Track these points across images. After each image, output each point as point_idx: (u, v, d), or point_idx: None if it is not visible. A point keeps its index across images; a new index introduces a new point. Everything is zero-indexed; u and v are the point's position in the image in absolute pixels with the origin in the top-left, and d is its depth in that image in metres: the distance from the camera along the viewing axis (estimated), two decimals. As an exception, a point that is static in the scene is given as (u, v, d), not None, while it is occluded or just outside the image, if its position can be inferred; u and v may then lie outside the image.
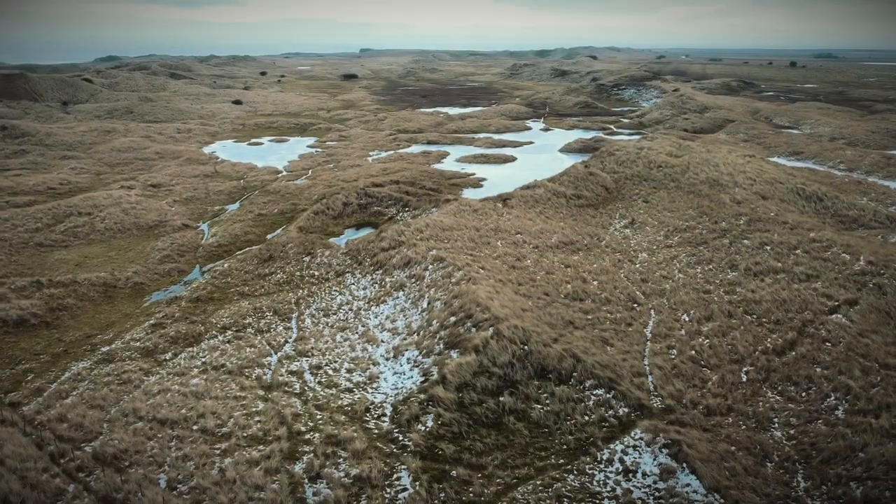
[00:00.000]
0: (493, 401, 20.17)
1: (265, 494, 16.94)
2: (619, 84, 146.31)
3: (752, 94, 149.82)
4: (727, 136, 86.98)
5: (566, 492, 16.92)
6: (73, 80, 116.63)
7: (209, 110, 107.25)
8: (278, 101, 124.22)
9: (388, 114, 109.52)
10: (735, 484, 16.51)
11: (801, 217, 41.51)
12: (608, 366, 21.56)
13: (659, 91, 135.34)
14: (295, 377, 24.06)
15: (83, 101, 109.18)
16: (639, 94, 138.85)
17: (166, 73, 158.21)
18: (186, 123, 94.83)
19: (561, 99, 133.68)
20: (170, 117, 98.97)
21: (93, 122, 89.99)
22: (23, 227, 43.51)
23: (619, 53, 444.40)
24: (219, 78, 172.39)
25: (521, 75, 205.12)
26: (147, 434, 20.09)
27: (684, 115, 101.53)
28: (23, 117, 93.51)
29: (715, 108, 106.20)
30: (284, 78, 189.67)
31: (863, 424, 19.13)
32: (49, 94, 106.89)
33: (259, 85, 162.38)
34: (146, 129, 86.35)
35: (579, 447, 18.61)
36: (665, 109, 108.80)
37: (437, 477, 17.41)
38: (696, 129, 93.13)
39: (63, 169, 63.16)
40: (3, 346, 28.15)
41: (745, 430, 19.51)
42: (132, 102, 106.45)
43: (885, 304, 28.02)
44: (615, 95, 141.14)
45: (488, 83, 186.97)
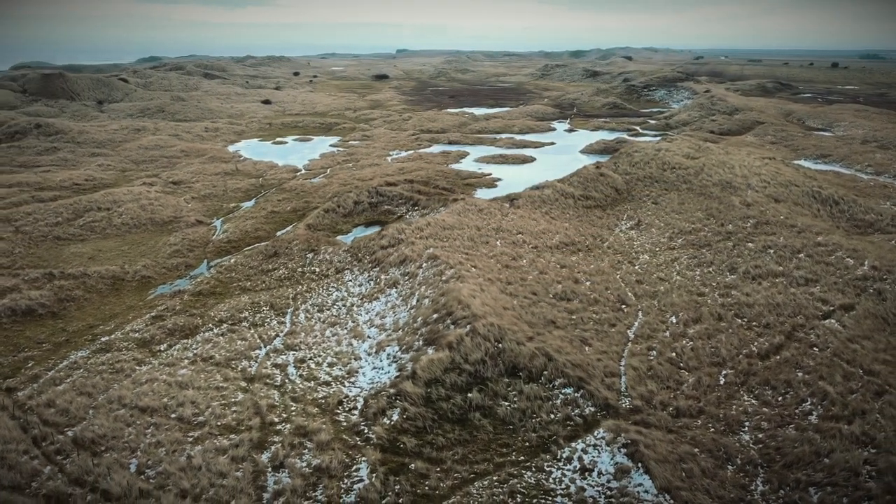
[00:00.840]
0: (460, 397, 20.38)
1: (227, 481, 17.44)
2: (649, 85, 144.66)
3: (787, 96, 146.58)
4: (754, 138, 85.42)
5: (521, 488, 17.05)
6: (109, 80, 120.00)
7: (238, 109, 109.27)
8: (307, 101, 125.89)
9: (414, 114, 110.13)
10: (688, 485, 16.43)
11: (812, 220, 40.68)
12: (580, 365, 21.57)
13: (690, 92, 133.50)
14: (278, 370, 24.58)
15: (118, 100, 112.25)
16: (669, 96, 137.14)
17: (200, 73, 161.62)
18: (215, 122, 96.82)
19: (589, 100, 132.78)
20: (199, 116, 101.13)
21: (125, 121, 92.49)
22: (44, 221, 45.09)
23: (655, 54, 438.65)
24: (252, 78, 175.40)
25: (553, 76, 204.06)
26: (127, 421, 20.79)
27: (712, 117, 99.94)
28: (59, 115, 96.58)
29: (745, 110, 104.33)
30: (317, 78, 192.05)
31: (833, 430, 18.82)
32: (85, 94, 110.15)
33: (291, 85, 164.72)
34: (175, 128, 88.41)
35: (541, 445, 18.70)
36: (693, 111, 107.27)
37: (395, 469, 17.70)
38: (724, 130, 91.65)
39: (90, 166, 65.13)
40: (9, 334, 29.30)
41: (712, 432, 19.36)
42: (164, 102, 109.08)
43: (883, 309, 27.39)
44: (645, 96, 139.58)
45: (518, 84, 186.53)
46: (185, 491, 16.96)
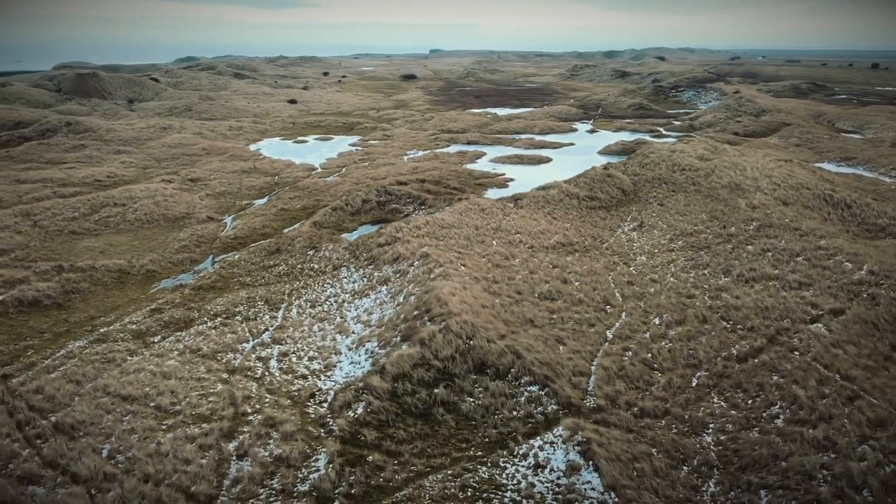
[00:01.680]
0: (426, 392, 20.69)
1: (191, 468, 18.03)
2: (678, 86, 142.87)
3: (821, 97, 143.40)
4: (779, 139, 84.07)
5: (473, 483, 17.30)
6: (141, 80, 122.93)
7: (264, 109, 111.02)
8: (332, 101, 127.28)
9: (437, 114, 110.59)
10: (636, 484, 16.50)
11: (819, 224, 40.01)
12: (548, 364, 21.71)
13: (719, 93, 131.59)
14: (261, 363, 25.19)
15: (148, 99, 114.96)
16: (698, 97, 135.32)
17: (231, 73, 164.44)
18: (239, 121, 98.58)
19: (616, 100, 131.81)
20: (225, 115, 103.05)
21: (152, 119, 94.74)
22: (61, 215, 46.61)
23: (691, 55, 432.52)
24: (282, 78, 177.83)
25: (581, 76, 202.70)
26: (107, 408, 21.57)
27: (738, 118, 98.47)
28: (91, 114, 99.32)
29: (773, 112, 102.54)
30: (346, 78, 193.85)
31: (795, 434, 18.67)
32: (117, 93, 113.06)
33: (319, 85, 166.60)
34: (200, 127, 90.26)
35: (500, 441, 18.92)
36: (719, 112, 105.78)
37: (352, 461, 18.10)
38: (748, 132, 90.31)
39: (114, 163, 66.98)
40: (14, 323, 30.48)
41: (674, 433, 19.35)
42: (192, 101, 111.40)
43: (874, 314, 26.92)
44: (673, 97, 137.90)
45: (546, 84, 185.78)
46: (149, 476, 17.59)
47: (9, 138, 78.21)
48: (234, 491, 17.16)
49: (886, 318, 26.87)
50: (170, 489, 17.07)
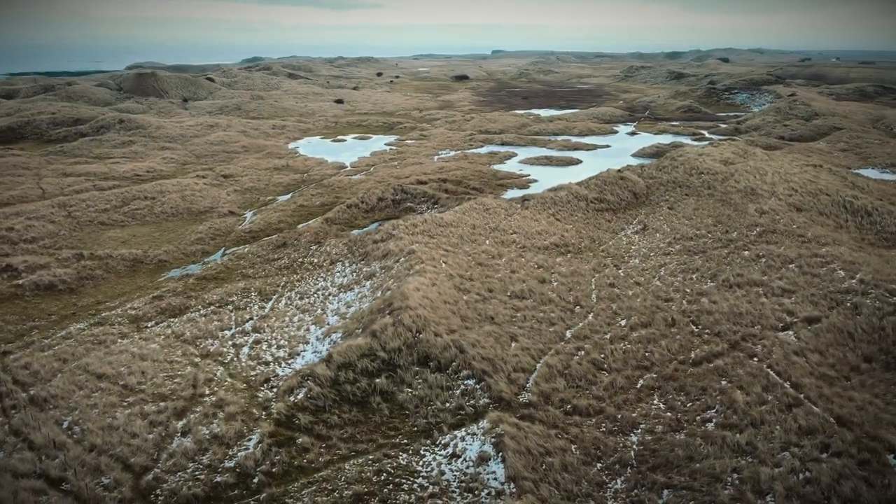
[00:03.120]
0: (367, 381, 21.53)
1: (135, 441, 19.42)
2: (732, 88, 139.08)
3: (888, 101, 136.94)
4: (825, 144, 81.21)
5: (389, 468, 18.05)
6: (196, 79, 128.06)
7: (310, 108, 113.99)
8: (379, 101, 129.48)
9: (479, 115, 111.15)
10: (538, 477, 16.91)
11: (830, 231, 38.90)
12: (490, 359, 22.21)
13: (773, 96, 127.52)
14: (234, 349, 26.55)
15: (202, 98, 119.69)
16: (751, 99, 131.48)
17: (285, 74, 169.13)
18: (284, 120, 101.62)
19: (665, 102, 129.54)
20: (272, 114, 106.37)
21: (202, 118, 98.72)
22: (94, 207, 49.55)
23: (760, 56, 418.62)
24: (335, 78, 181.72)
25: (636, 78, 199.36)
26: (80, 384, 23.27)
27: (786, 122, 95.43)
28: (146, 112, 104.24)
29: (826, 115, 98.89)
30: (399, 79, 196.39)
31: (719, 437, 18.66)
32: (173, 92, 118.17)
33: (370, 85, 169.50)
34: (245, 125, 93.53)
35: (426, 430, 19.59)
36: (769, 115, 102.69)
37: (281, 442, 19.11)
38: (794, 136, 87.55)
39: (156, 158, 70.36)
40: (27, 305, 32.88)
41: (601, 431, 19.58)
42: (243, 100, 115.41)
43: (852, 324, 26.23)
44: (726, 100, 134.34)
45: (598, 85, 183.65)
46: (95, 446, 19.05)
47: (67, 134, 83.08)
48: (167, 464, 18.41)
49: (865, 328, 26.15)
50: (109, 459, 18.46)
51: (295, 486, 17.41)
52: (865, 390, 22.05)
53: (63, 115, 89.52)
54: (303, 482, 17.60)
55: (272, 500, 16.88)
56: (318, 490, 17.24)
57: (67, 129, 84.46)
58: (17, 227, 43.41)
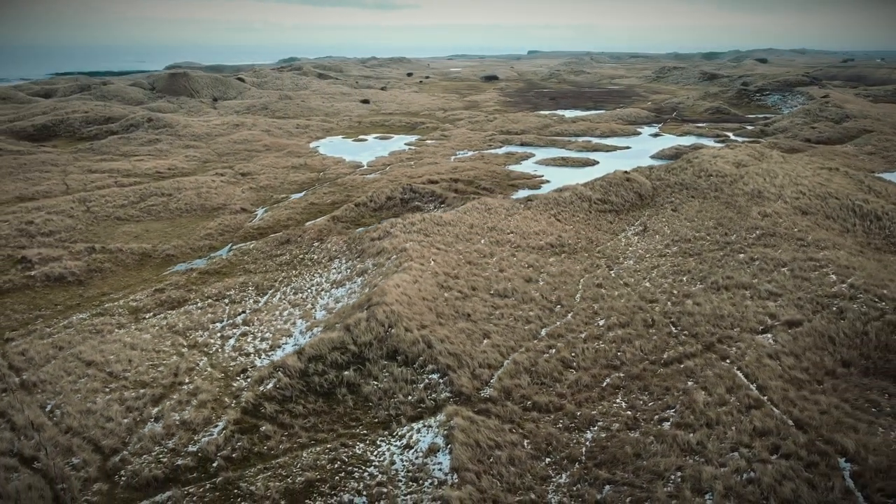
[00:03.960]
0: (335, 373, 22.16)
1: (109, 425, 20.38)
2: (763, 89, 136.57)
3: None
4: (853, 147, 79.49)
5: (344, 457, 18.65)
6: (227, 79, 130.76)
7: (336, 108, 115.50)
8: (404, 101, 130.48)
9: (502, 115, 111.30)
10: (482, 469, 17.31)
11: (834, 235, 38.34)
12: (457, 355, 22.64)
13: (806, 97, 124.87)
14: (221, 341, 27.47)
15: (232, 97, 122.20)
16: (783, 101, 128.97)
17: (315, 74, 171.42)
18: (309, 120, 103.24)
19: (694, 104, 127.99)
20: (297, 114, 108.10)
21: (229, 117, 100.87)
22: (112, 203, 51.28)
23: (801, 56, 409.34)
24: (365, 78, 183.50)
25: (667, 79, 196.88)
26: (70, 370, 24.39)
27: (814, 125, 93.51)
28: (176, 111, 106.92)
29: (858, 118, 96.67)
30: (428, 79, 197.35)
31: (671, 436, 18.82)
32: (204, 91, 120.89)
33: (399, 85, 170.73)
34: (270, 124, 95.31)
35: (386, 422, 20.14)
36: (797, 117, 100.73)
37: (245, 429, 19.86)
38: (821, 138, 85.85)
39: (179, 156, 72.29)
40: (36, 295, 34.37)
41: (557, 427, 19.88)
42: (270, 100, 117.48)
43: (834, 328, 25.99)
44: (757, 101, 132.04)
45: (629, 86, 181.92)
46: (70, 428, 20.06)
47: (98, 132, 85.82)
48: (135, 447, 19.30)
49: (848, 332, 25.90)
50: (82, 441, 19.44)
51: (251, 472, 18.12)
52: (836, 395, 21.92)
53: (95, 113, 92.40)
54: (260, 468, 18.30)
55: (227, 483, 17.61)
56: (273, 475, 17.92)
57: (99, 128, 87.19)
58: (36, 220, 45.24)
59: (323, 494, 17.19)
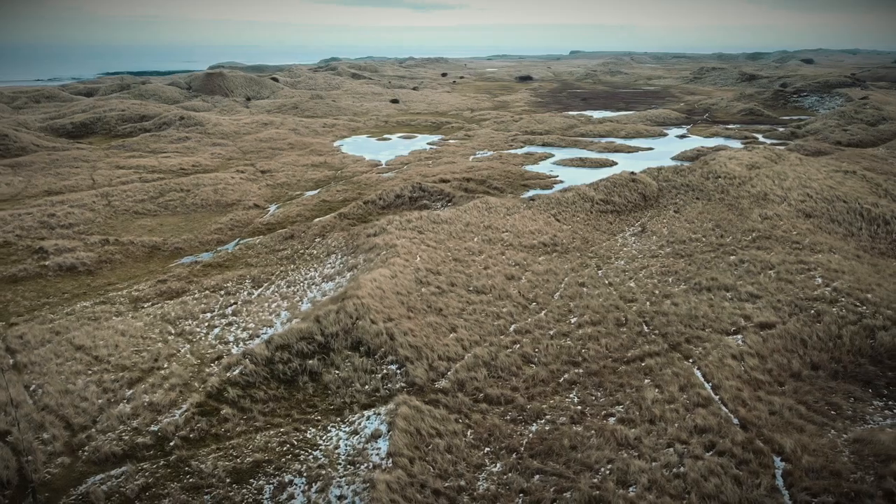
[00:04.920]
0: (299, 362, 23.07)
1: (83, 404, 21.65)
2: (801, 91, 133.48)
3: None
4: (885, 150, 77.38)
5: (293, 440, 19.52)
6: (261, 79, 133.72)
7: (365, 108, 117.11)
8: (434, 101, 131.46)
9: (529, 116, 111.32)
10: (417, 455, 17.95)
11: (835, 239, 37.81)
12: (418, 347, 23.30)
13: (844, 99, 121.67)
14: (206, 330, 28.67)
15: (265, 97, 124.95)
16: (820, 102, 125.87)
17: (349, 74, 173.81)
18: (337, 119, 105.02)
19: (727, 105, 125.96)
20: (326, 113, 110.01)
21: (259, 116, 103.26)
22: (132, 197, 53.35)
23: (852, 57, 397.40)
24: (399, 78, 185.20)
25: (705, 79, 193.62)
26: (59, 353, 25.84)
27: (847, 127, 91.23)
28: (210, 110, 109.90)
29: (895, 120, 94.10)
30: (463, 79, 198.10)
31: (611, 431, 19.17)
32: (238, 91, 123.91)
33: (432, 85, 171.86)
34: (298, 123, 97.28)
35: (340, 409, 20.95)
36: (830, 120, 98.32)
37: (206, 412, 20.89)
38: (852, 141, 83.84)
39: (205, 154, 74.51)
40: (47, 284, 36.19)
41: (504, 419, 20.39)
42: (301, 99, 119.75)
43: (807, 331, 25.86)
44: (793, 103, 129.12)
45: (665, 87, 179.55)
46: (46, 406, 21.39)
47: (132, 130, 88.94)
48: (102, 425, 20.50)
49: (821, 335, 25.76)
50: (55, 417, 20.74)
51: (204, 451, 19.11)
52: (794, 396, 21.94)
53: (131, 111, 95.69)
54: (213, 448, 19.29)
55: (179, 461, 18.63)
56: (224, 455, 18.88)
57: (133, 125, 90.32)
58: (58, 213, 47.45)
59: (267, 474, 18.06)
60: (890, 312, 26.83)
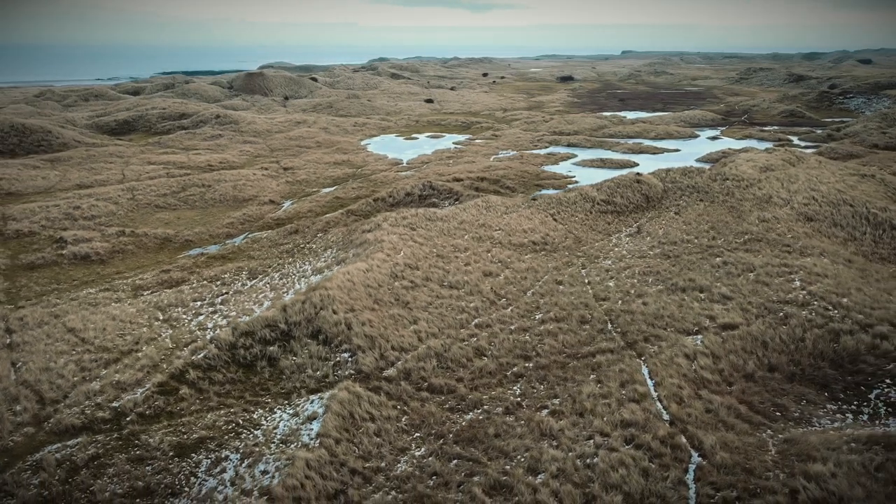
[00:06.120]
0: (260, 348, 24.30)
1: (59, 381, 23.34)
2: (847, 92, 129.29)
3: None
4: (922, 153, 74.84)
5: (240, 420, 20.73)
6: (300, 79, 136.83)
7: (399, 107, 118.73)
8: (468, 101, 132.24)
9: (561, 116, 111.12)
10: (345, 437, 18.90)
11: (833, 243, 37.22)
12: (372, 337, 24.24)
13: (892, 101, 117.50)
14: (191, 316, 30.24)
15: (302, 96, 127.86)
16: (868, 104, 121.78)
17: (388, 74, 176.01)
18: (369, 118, 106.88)
19: (769, 107, 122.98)
20: (359, 112, 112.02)
21: (294, 115, 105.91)
22: (155, 192, 55.88)
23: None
24: (439, 79, 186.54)
25: (751, 80, 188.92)
26: (50, 334, 27.74)
27: (887, 129, 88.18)
28: (248, 108, 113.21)
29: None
30: (504, 79, 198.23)
31: (539, 421, 19.73)
32: (277, 90, 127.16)
33: (471, 85, 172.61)
34: (329, 122, 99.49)
35: (290, 393, 22.07)
36: (871, 122, 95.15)
37: (166, 391, 22.29)
38: (890, 144, 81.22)
39: (234, 151, 77.13)
40: (60, 271, 38.51)
41: (442, 408, 21.16)
42: (337, 99, 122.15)
43: (771, 333, 25.77)
44: (839, 105, 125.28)
45: (708, 88, 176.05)
46: (25, 381, 23.14)
47: (171, 127, 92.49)
48: (70, 400, 22.11)
49: (784, 337, 25.65)
50: (30, 391, 22.45)
51: (155, 427, 20.49)
52: (738, 396, 22.06)
53: (172, 110, 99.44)
54: (164, 424, 20.64)
55: (131, 435, 20.03)
56: (172, 431, 20.20)
57: (172, 123, 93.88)
58: (83, 206, 50.15)
59: (208, 450, 19.29)
60: (860, 317, 26.49)
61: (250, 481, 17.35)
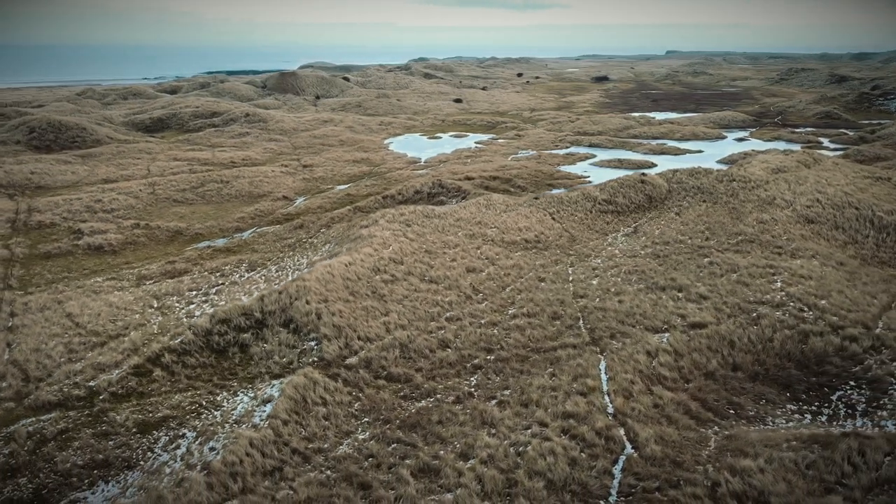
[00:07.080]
0: (234, 334, 25.42)
1: (47, 361, 24.85)
2: (889, 94, 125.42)
3: None
4: (956, 157, 72.51)
5: (204, 401, 21.85)
6: (333, 79, 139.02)
7: (427, 107, 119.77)
8: (497, 101, 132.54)
9: (588, 116, 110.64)
10: (294, 419, 19.80)
11: (832, 245, 36.77)
12: (340, 327, 25.12)
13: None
14: (183, 305, 31.63)
15: (333, 95, 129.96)
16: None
17: (421, 74, 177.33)
18: (395, 117, 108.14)
19: (804, 108, 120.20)
20: (387, 111, 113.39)
21: (322, 114, 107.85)
22: (175, 187, 57.91)
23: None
24: (473, 78, 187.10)
25: (791, 81, 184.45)
26: (48, 318, 29.38)
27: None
28: (280, 107, 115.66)
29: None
30: (538, 80, 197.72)
31: (482, 411, 20.32)
32: (309, 90, 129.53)
33: (503, 86, 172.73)
34: (356, 121, 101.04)
35: (255, 377, 23.11)
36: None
37: (142, 373, 23.57)
38: (924, 147, 78.69)
39: (258, 149, 79.11)
40: (73, 261, 40.43)
41: (397, 396, 21.92)
42: (366, 98, 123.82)
43: (739, 332, 25.84)
44: (878, 106, 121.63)
45: (746, 89, 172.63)
46: (15, 360, 24.71)
47: (201, 125, 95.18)
48: (52, 379, 23.55)
49: (752, 337, 25.69)
50: (16, 369, 23.99)
51: (124, 406, 21.74)
52: (692, 393, 22.30)
53: (204, 108, 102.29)
54: (133, 403, 21.89)
55: (100, 412, 21.32)
56: (139, 410, 21.42)
57: (203, 121, 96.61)
58: (104, 199, 52.38)
59: (169, 428, 20.44)
60: (835, 319, 26.34)
61: (198, 456, 18.39)
